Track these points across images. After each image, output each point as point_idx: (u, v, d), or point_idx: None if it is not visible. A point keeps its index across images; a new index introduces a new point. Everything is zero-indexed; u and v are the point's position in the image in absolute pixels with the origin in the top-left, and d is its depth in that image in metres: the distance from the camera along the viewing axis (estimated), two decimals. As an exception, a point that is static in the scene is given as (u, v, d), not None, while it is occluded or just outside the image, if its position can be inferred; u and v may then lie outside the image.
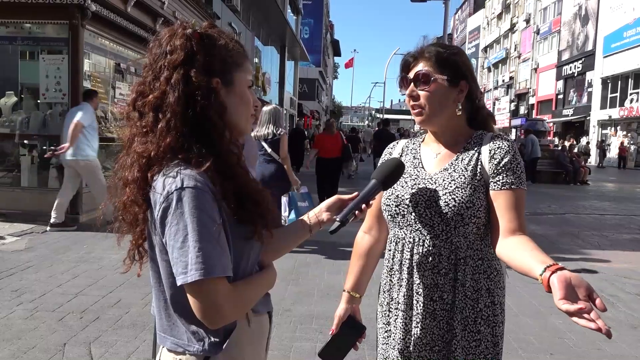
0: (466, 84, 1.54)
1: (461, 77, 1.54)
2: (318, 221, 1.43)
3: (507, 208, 1.45)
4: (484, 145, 1.52)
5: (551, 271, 1.14)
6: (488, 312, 1.50)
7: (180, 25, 1.21)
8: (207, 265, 1.04)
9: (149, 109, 1.16)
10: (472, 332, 1.49)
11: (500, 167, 1.47)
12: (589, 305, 1.05)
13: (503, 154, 1.48)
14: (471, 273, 1.49)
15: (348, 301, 1.65)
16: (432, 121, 1.56)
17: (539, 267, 1.18)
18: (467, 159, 1.52)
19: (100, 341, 3.45)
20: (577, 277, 1.10)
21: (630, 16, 30.59)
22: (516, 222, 1.44)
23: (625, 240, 7.92)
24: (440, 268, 1.50)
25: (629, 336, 3.94)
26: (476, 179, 1.49)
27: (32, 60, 7.76)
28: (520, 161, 1.49)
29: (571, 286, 1.08)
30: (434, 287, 1.51)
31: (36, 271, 4.94)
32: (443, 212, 1.47)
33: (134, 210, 1.17)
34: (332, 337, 1.60)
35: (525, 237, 1.41)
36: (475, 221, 1.47)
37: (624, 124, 32.16)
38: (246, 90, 1.25)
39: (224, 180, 1.14)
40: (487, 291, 1.50)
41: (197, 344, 1.15)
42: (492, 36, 57.14)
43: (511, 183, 1.46)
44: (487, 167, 1.49)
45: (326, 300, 4.42)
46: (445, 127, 1.58)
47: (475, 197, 1.47)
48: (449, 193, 1.48)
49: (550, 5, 42.83)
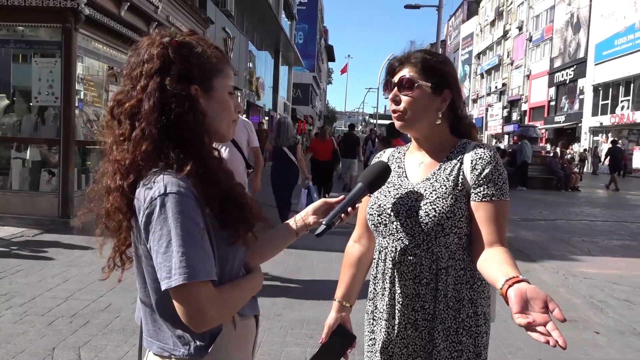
0: (449, 94, 1.54)
1: (445, 86, 1.53)
2: (304, 224, 1.44)
3: (487, 221, 1.44)
4: (466, 154, 1.51)
5: (509, 284, 1.15)
6: (470, 323, 1.49)
7: (159, 33, 1.22)
8: (190, 270, 1.05)
9: (125, 117, 1.17)
10: (454, 343, 1.48)
11: (481, 178, 1.46)
12: (544, 318, 1.05)
13: (484, 164, 1.46)
14: (453, 283, 1.48)
15: (338, 310, 1.65)
16: (412, 126, 1.55)
17: (501, 279, 1.20)
18: (449, 168, 1.51)
19: (90, 345, 3.44)
20: (533, 289, 1.10)
21: (621, 24, 30.89)
22: (495, 235, 1.43)
23: (615, 247, 7.98)
24: (422, 278, 1.49)
25: (617, 342, 3.97)
26: (458, 189, 1.48)
27: (25, 63, 7.74)
28: (502, 172, 1.48)
29: (526, 299, 1.09)
30: (415, 296, 1.50)
31: (26, 275, 4.91)
32: (423, 222, 1.46)
33: (117, 217, 1.18)
34: (321, 346, 1.60)
35: (501, 248, 1.40)
36: (456, 231, 1.47)
37: (615, 131, 32.42)
38: (227, 96, 1.26)
39: (206, 185, 1.15)
40: (469, 301, 1.49)
41: (183, 348, 1.16)
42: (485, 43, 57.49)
43: (492, 195, 1.45)
44: (468, 178, 1.48)
45: (317, 305, 4.43)
46: (426, 134, 1.57)
47: (456, 207, 1.46)
48: (429, 203, 1.47)
49: (543, 13, 43.18)
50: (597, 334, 4.12)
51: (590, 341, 3.97)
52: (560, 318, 1.05)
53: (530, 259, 6.08)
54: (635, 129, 30.71)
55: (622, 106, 31.10)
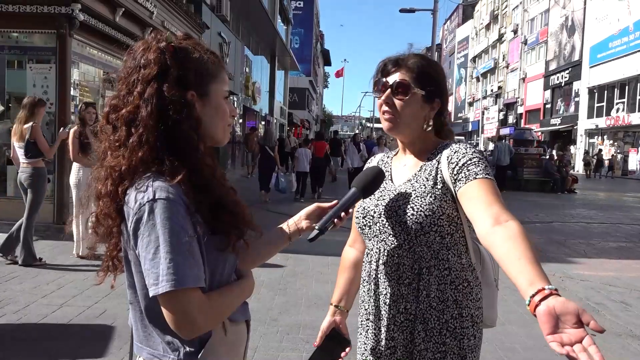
0: (439, 103, 1.57)
1: (437, 95, 1.56)
2: (297, 229, 1.43)
3: (482, 195, 1.36)
4: (443, 153, 1.52)
5: (535, 304, 1.02)
6: (455, 324, 1.47)
7: (154, 37, 1.20)
8: (178, 276, 1.04)
9: (121, 123, 1.16)
10: (437, 344, 1.47)
11: (460, 166, 1.44)
12: (579, 335, 0.95)
13: (460, 156, 1.46)
14: (436, 283, 1.47)
15: (332, 314, 1.65)
16: (401, 130, 1.56)
17: (526, 294, 1.06)
18: (429, 168, 1.53)
19: (85, 352, 3.42)
20: (562, 304, 0.98)
21: (616, 27, 31.06)
22: (496, 207, 1.31)
23: (611, 249, 8.00)
24: (404, 278, 1.50)
25: (614, 344, 3.97)
26: (437, 187, 1.48)
27: (20, 69, 7.73)
28: (482, 159, 1.45)
29: (556, 317, 0.98)
30: (399, 297, 1.50)
31: (20, 282, 4.88)
32: (403, 222, 1.47)
33: (107, 223, 1.17)
34: (315, 350, 1.59)
35: (513, 228, 1.23)
36: (436, 229, 1.46)
37: (611, 133, 32.54)
38: (222, 102, 1.25)
39: (198, 193, 1.14)
40: (454, 302, 1.47)
41: (172, 354, 1.15)
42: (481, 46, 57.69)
43: (476, 173, 1.41)
44: (445, 174, 1.48)
45: (313, 310, 4.41)
46: (413, 138, 1.59)
47: (435, 205, 1.46)
48: (408, 203, 1.48)
49: (538, 16, 43.38)
50: (593, 336, 4.11)
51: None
52: (599, 329, 0.97)
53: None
54: (631, 131, 30.84)
55: (618, 108, 31.25)
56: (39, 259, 5.48)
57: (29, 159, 5.46)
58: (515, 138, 20.63)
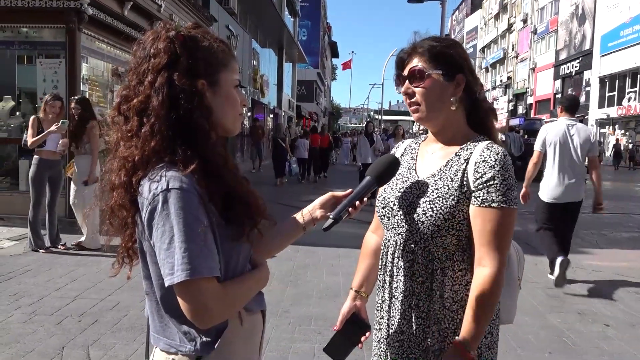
0: (463, 78, 1.47)
1: (457, 70, 1.47)
2: (312, 218, 1.41)
3: (482, 231, 1.37)
4: (473, 154, 1.44)
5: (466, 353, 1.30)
6: None
7: (164, 27, 1.20)
8: (193, 266, 1.04)
9: (133, 113, 1.16)
10: None
11: (482, 182, 1.38)
12: None
13: (487, 168, 1.38)
14: (450, 284, 1.44)
15: (353, 299, 1.63)
16: (429, 118, 1.50)
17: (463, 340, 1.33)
18: (455, 167, 1.45)
19: (99, 344, 3.45)
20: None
21: (627, 15, 30.67)
22: (485, 248, 1.36)
23: (623, 239, 7.93)
24: (418, 276, 1.46)
25: (627, 334, 3.94)
26: (461, 190, 1.41)
27: (30, 64, 7.77)
28: (507, 177, 1.38)
29: None
30: (411, 294, 1.47)
31: (34, 275, 4.93)
32: (421, 221, 1.43)
33: (122, 214, 1.17)
34: (334, 334, 1.58)
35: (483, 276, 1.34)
36: (454, 233, 1.42)
37: (622, 123, 32.21)
38: (232, 90, 1.24)
39: (210, 182, 1.14)
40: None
41: (189, 344, 1.15)
42: (490, 36, 57.22)
43: (492, 200, 1.36)
44: (470, 179, 1.41)
45: (325, 301, 4.41)
46: (443, 125, 1.51)
47: (457, 209, 1.40)
48: (429, 202, 1.43)
49: (547, 5, 42.91)
50: (606, 327, 4.09)
51: (600, 333, 3.94)
52: None
53: (539, 252, 6.04)
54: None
55: (629, 97, 30.89)
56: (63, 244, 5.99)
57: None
58: (525, 128, 20.46)
